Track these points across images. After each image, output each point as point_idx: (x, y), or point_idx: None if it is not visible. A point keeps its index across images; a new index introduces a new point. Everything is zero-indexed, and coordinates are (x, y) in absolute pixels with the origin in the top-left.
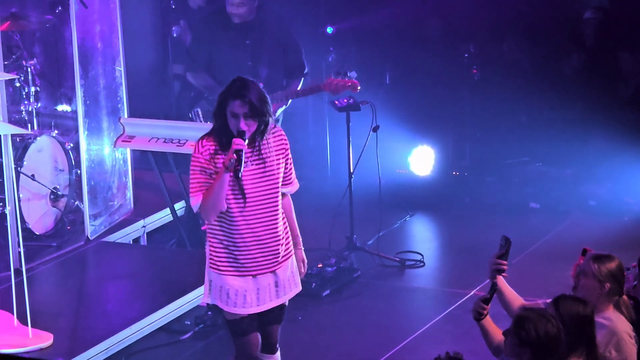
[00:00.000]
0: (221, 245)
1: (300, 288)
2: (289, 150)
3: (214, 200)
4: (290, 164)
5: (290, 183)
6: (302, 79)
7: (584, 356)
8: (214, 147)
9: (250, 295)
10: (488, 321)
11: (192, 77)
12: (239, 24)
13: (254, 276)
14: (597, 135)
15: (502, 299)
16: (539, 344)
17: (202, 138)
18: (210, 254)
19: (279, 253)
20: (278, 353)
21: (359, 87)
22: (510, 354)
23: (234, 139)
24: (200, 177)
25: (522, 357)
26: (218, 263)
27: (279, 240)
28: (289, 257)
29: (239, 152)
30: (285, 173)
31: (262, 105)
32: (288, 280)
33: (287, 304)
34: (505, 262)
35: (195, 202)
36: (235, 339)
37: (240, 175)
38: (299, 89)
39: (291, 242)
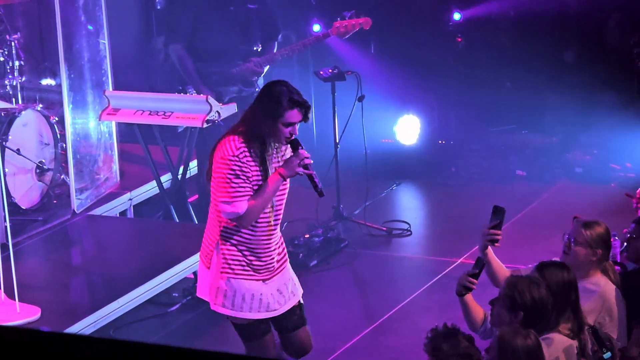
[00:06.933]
0: (235, 250)
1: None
2: None
3: (262, 208)
4: None
5: None
6: (276, 43)
7: (571, 321)
8: (247, 150)
9: (264, 298)
10: (469, 296)
11: (174, 50)
12: None
13: (264, 281)
14: (583, 103)
15: (490, 270)
16: (532, 308)
17: (231, 138)
18: (224, 258)
19: (282, 255)
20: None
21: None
22: (497, 322)
23: (302, 151)
24: (240, 182)
25: (513, 322)
26: (233, 267)
27: (282, 242)
28: (287, 259)
29: (308, 166)
30: None
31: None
32: (292, 279)
33: (302, 302)
34: (500, 232)
35: (239, 209)
36: (251, 343)
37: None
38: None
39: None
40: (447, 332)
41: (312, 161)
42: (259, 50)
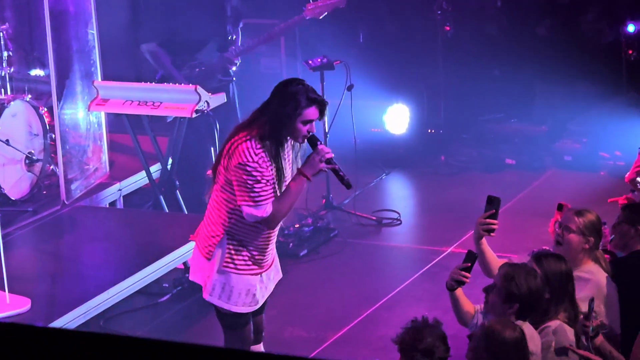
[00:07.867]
0: (241, 246)
1: (281, 274)
2: None
3: (288, 210)
4: None
5: None
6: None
7: (568, 312)
8: (265, 153)
9: (257, 293)
10: (460, 291)
11: (147, 49)
12: None
13: (261, 274)
14: (572, 91)
15: (483, 260)
16: (528, 299)
17: (248, 145)
18: (229, 254)
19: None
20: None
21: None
22: (492, 310)
23: (321, 147)
24: (264, 186)
25: (507, 312)
26: (236, 263)
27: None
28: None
29: (331, 160)
30: None
31: None
32: (275, 266)
33: None
34: (496, 221)
35: (263, 212)
36: (232, 331)
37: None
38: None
39: None
40: (415, 326)
41: (333, 155)
42: (233, 39)
